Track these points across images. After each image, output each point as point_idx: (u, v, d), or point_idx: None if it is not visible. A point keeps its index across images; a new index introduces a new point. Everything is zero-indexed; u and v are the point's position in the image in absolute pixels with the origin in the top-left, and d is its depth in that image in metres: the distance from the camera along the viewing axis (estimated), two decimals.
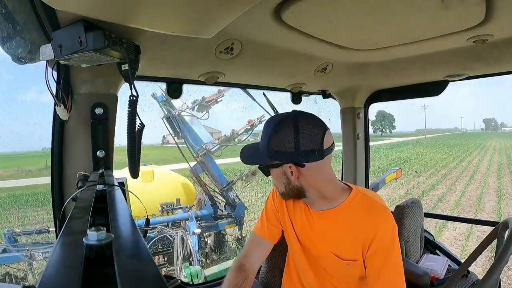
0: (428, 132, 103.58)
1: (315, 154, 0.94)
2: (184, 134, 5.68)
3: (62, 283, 0.29)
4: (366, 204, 1.02)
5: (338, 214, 1.03)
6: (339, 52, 1.30)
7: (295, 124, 0.95)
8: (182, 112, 5.66)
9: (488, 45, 1.17)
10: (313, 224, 1.08)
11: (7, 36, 0.81)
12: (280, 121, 0.98)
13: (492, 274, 1.01)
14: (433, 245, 2.07)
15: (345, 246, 1.01)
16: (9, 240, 4.56)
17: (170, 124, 5.71)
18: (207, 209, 5.56)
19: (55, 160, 1.08)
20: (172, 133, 5.75)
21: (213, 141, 5.72)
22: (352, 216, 1.01)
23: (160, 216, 5.35)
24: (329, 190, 1.03)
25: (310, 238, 1.10)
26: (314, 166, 0.96)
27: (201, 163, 5.68)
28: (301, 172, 0.97)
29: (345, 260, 1.01)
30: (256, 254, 1.17)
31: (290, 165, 0.97)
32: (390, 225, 0.99)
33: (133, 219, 0.52)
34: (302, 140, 0.93)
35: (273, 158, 0.98)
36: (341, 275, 1.07)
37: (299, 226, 1.12)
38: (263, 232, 1.19)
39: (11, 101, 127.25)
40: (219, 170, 5.78)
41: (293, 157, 0.95)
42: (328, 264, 1.07)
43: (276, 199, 1.19)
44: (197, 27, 0.83)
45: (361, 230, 0.98)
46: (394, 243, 0.98)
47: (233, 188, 5.72)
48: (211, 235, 5.85)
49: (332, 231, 1.04)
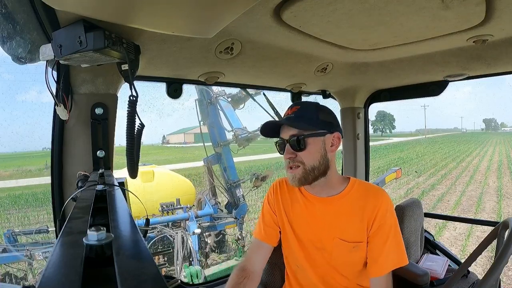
0: (428, 132, 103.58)
1: (342, 133, 1.11)
2: (211, 121, 5.67)
3: (62, 283, 0.29)
4: (365, 188, 1.12)
5: (341, 200, 1.10)
6: (339, 52, 1.30)
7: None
8: (219, 97, 5.63)
9: (488, 45, 1.17)
10: (316, 214, 1.12)
11: (7, 36, 0.81)
12: (318, 103, 1.13)
13: (492, 274, 1.00)
14: (433, 245, 2.07)
15: (352, 228, 1.07)
16: (9, 240, 4.56)
17: (200, 108, 5.71)
18: (207, 209, 5.56)
19: (55, 160, 1.08)
20: (199, 118, 5.73)
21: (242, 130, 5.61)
22: (356, 199, 1.09)
23: (160, 216, 5.34)
24: (336, 174, 1.13)
25: (312, 230, 1.12)
26: (340, 144, 1.10)
27: (218, 154, 5.71)
28: (337, 146, 1.09)
29: (351, 242, 1.07)
30: (256, 256, 1.19)
31: (335, 133, 1.07)
32: (389, 202, 1.09)
33: (133, 219, 0.52)
34: (337, 119, 1.12)
35: (322, 127, 1.05)
36: (345, 263, 1.10)
37: (299, 222, 1.15)
38: (260, 235, 1.21)
39: (11, 101, 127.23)
40: (233, 165, 5.82)
41: (338, 127, 1.09)
42: (332, 252, 1.09)
43: (272, 201, 1.21)
44: (197, 27, 0.83)
45: (366, 210, 1.06)
46: (393, 218, 1.08)
47: (241, 186, 5.73)
48: (211, 235, 5.85)
49: (337, 216, 1.09)
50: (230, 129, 5.58)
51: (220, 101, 5.64)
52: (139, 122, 0.91)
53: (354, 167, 2.18)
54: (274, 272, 1.37)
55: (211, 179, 5.89)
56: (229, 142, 5.69)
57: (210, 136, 5.79)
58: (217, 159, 5.83)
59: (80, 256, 0.34)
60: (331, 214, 1.10)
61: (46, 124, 1.14)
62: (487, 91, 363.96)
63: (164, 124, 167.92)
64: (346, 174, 2.21)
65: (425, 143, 45.06)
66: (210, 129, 5.75)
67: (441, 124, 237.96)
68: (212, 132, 5.75)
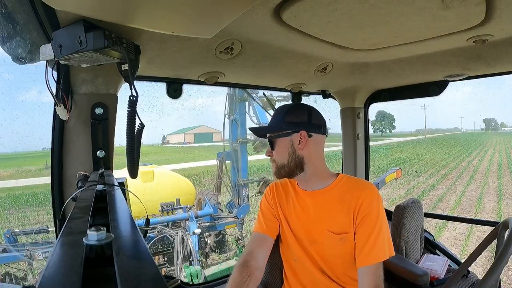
0: (428, 132, 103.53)
1: (321, 128, 1.16)
2: (236, 117, 5.80)
3: (62, 283, 0.29)
4: (352, 181, 1.18)
5: (329, 192, 1.15)
6: (339, 52, 1.30)
7: (307, 107, 1.19)
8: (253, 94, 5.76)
9: (488, 45, 1.17)
10: (306, 207, 1.17)
11: (7, 36, 0.81)
12: (295, 104, 1.23)
13: (492, 274, 1.00)
14: (433, 245, 2.07)
15: (338, 220, 1.11)
16: (9, 239, 4.56)
17: (230, 101, 5.85)
18: (207, 209, 5.56)
19: (55, 160, 1.08)
20: (227, 111, 5.85)
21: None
22: (342, 192, 1.14)
23: (160, 216, 5.34)
24: (322, 168, 1.18)
25: (303, 224, 1.16)
26: (317, 140, 1.15)
27: (234, 151, 5.81)
28: (307, 142, 1.13)
29: (338, 234, 1.10)
30: (259, 250, 1.19)
31: (301, 132, 1.13)
32: (375, 194, 1.11)
33: (133, 219, 0.52)
34: (313, 116, 1.16)
35: (286, 128, 1.14)
36: (336, 255, 1.12)
37: (293, 216, 1.19)
38: (261, 229, 1.23)
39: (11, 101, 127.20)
40: (246, 163, 5.91)
41: (305, 126, 1.14)
42: (323, 245, 1.12)
43: (269, 197, 1.27)
44: (197, 27, 0.83)
45: (350, 202, 1.10)
46: (379, 210, 1.09)
47: (248, 186, 5.77)
48: (211, 235, 5.86)
49: (325, 208, 1.14)
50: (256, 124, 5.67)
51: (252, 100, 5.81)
52: (139, 122, 0.90)
53: (354, 167, 2.18)
54: (274, 272, 1.37)
55: (220, 174, 5.96)
56: (248, 141, 5.84)
57: (230, 132, 5.95)
58: (231, 156, 5.93)
59: (80, 256, 0.34)
60: (319, 206, 1.15)
61: (46, 124, 1.14)
62: (487, 91, 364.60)
63: (164, 124, 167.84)
64: (346, 174, 2.21)
65: (425, 143, 45.06)
66: (233, 125, 5.90)
67: (441, 124, 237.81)
68: (235, 128, 5.90)
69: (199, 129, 78.92)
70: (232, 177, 5.92)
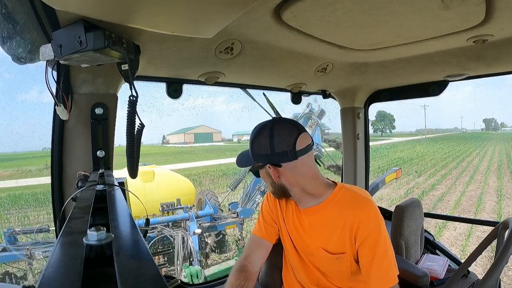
0: (428, 132, 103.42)
1: (288, 155, 1.03)
2: None
3: (62, 283, 0.29)
4: (349, 197, 1.09)
5: (324, 209, 1.09)
6: (339, 52, 1.30)
7: (270, 130, 1.05)
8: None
9: (488, 45, 1.17)
10: (302, 222, 1.13)
11: (7, 36, 0.81)
12: (259, 128, 1.09)
13: (492, 274, 1.00)
14: (433, 245, 2.07)
15: (333, 240, 1.06)
16: (9, 239, 4.55)
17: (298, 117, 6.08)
18: (207, 209, 5.56)
19: (55, 160, 1.08)
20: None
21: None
22: (337, 210, 1.06)
23: (160, 216, 5.35)
24: (312, 187, 1.09)
25: (301, 237, 1.14)
26: (291, 165, 1.05)
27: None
28: (279, 172, 1.07)
29: (333, 254, 1.05)
30: (257, 255, 1.19)
31: (268, 165, 1.07)
32: (374, 213, 1.03)
33: (133, 219, 0.51)
34: (276, 143, 1.04)
35: (256, 160, 1.10)
36: (331, 271, 1.10)
37: (291, 225, 1.17)
38: (261, 233, 1.22)
39: (11, 101, 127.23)
40: None
41: (269, 158, 1.06)
42: (319, 260, 1.10)
43: (270, 200, 1.25)
44: (197, 27, 0.83)
45: (346, 222, 1.03)
46: (380, 233, 1.01)
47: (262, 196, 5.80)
48: (211, 235, 5.86)
49: (320, 226, 1.09)
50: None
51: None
52: (139, 122, 0.90)
53: (354, 167, 2.18)
54: (274, 273, 1.37)
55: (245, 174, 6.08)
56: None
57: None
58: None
59: (80, 256, 0.34)
60: (314, 224, 1.10)
61: (46, 124, 1.14)
62: (487, 91, 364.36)
63: (164, 124, 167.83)
64: (346, 174, 2.21)
65: (425, 143, 45.04)
66: None
67: (441, 124, 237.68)
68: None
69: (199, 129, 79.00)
70: (255, 181, 5.89)
